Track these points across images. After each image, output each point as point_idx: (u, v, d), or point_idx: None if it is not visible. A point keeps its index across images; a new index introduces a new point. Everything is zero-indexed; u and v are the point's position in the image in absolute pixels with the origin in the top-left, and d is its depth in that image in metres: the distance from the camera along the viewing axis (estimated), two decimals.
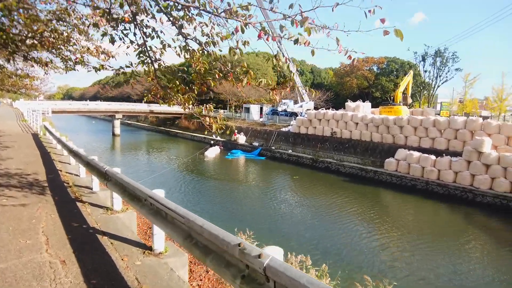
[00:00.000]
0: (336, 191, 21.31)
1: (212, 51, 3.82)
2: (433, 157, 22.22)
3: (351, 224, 15.37)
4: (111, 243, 3.63)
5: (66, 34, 5.58)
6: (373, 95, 48.93)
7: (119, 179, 4.26)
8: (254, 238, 5.45)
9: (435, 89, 40.51)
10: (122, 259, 3.29)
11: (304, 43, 3.00)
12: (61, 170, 8.56)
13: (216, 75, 4.67)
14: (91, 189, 6.52)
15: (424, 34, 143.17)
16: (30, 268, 3.08)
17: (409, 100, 31.61)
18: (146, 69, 4.52)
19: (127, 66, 4.36)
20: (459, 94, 41.37)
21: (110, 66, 5.13)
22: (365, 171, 25.51)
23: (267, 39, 3.45)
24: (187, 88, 4.22)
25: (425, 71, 40.97)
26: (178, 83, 4.19)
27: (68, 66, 8.27)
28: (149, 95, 4.59)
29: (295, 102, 42.23)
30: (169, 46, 4.52)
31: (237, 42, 3.77)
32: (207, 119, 4.20)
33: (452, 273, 10.82)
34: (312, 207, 17.70)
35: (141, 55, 4.14)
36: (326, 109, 32.28)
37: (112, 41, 4.33)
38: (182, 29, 3.68)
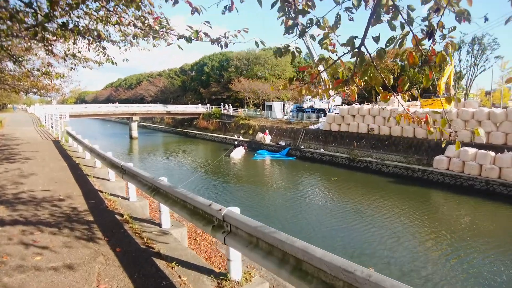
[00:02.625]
0: (384, 194, 19.20)
1: None
2: (492, 153, 19.77)
3: (411, 231, 13.48)
4: None
5: None
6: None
7: (282, 243, 2.13)
8: None
9: (473, 79, 37.64)
10: None
11: None
12: (101, 191, 6.55)
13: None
14: (159, 225, 4.45)
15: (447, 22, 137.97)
16: None
17: (452, 91, 28.93)
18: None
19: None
20: (496, 84, 38.37)
21: (205, 34, 3.06)
22: (411, 171, 23.14)
23: None
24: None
25: (460, 61, 38.06)
26: None
27: (109, 58, 6.31)
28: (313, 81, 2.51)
29: (321, 98, 39.85)
30: None
31: None
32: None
33: None
34: (361, 212, 15.66)
35: None
36: (359, 103, 29.98)
37: None
38: None
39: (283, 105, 42.74)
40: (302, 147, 31.84)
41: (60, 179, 7.72)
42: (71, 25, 3.90)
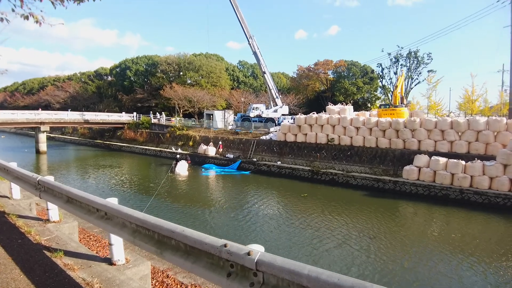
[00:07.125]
0: (362, 208, 17.61)
1: None
2: (463, 162, 19.44)
3: (400, 245, 11.66)
4: None
5: None
6: (336, 99, 46.49)
7: None
8: None
9: (408, 92, 39.23)
10: None
11: None
12: None
13: None
14: None
15: (342, 44, 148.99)
16: None
17: (405, 101, 29.31)
18: None
19: None
20: (423, 96, 40.98)
21: None
22: (382, 182, 21.86)
23: None
24: None
25: (395, 73, 39.53)
26: None
27: None
28: None
29: (266, 107, 37.55)
30: None
31: None
32: None
33: None
34: (341, 232, 13.35)
35: None
36: (302, 113, 28.31)
37: None
38: None
39: (224, 114, 39.34)
40: (255, 159, 28.81)
41: None
42: None
